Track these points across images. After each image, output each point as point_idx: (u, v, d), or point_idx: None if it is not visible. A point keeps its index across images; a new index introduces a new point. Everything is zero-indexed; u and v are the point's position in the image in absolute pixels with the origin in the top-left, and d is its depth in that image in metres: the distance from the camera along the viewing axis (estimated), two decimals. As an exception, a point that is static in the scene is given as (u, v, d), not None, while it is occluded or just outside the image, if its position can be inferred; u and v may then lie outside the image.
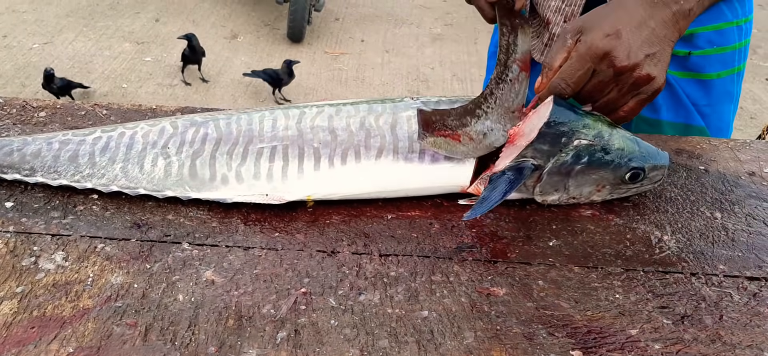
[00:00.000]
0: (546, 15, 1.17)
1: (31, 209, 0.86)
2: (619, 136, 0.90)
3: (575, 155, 0.88)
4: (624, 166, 0.90)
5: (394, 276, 0.79)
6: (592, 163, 0.89)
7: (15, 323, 0.70)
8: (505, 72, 0.95)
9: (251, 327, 0.71)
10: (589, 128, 0.89)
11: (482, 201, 0.84)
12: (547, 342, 0.71)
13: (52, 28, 4.42)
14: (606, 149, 0.89)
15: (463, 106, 0.93)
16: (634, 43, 0.88)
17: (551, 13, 1.16)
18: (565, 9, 1.14)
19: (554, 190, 0.90)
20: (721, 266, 0.83)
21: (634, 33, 0.89)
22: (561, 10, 1.14)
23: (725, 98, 1.20)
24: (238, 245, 0.82)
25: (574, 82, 0.90)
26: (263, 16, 4.84)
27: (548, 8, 1.16)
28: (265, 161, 0.89)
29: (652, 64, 0.89)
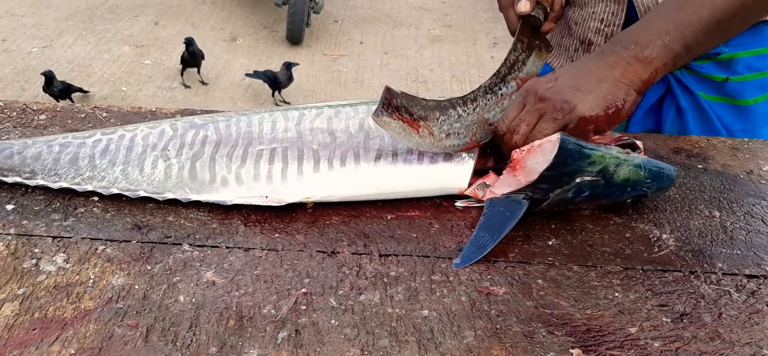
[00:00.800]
0: (586, 36, 1.17)
1: (31, 212, 0.86)
2: (627, 167, 0.87)
3: (577, 190, 0.86)
4: (626, 195, 0.89)
5: (394, 276, 0.79)
6: (594, 195, 0.88)
7: (16, 325, 0.70)
8: (499, 85, 0.94)
9: (252, 327, 0.71)
10: (594, 165, 0.85)
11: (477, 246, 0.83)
12: (546, 340, 0.71)
13: (51, 32, 4.42)
14: (610, 182, 0.87)
15: (436, 100, 0.93)
16: (562, 79, 0.89)
17: (592, 34, 1.16)
18: (605, 29, 1.14)
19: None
20: (720, 264, 0.84)
21: (567, 72, 0.90)
22: (601, 31, 1.15)
23: (763, 122, 1.19)
24: (239, 246, 0.82)
25: (508, 120, 0.90)
26: (262, 18, 4.84)
27: (588, 29, 1.17)
28: (265, 163, 0.89)
29: (579, 96, 0.88)
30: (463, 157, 0.91)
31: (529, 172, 0.85)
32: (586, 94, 0.88)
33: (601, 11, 1.14)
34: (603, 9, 1.13)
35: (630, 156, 0.88)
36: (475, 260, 0.82)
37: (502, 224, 0.85)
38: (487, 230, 0.84)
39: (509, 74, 0.96)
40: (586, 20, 1.16)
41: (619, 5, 1.11)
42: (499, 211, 0.86)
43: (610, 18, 1.13)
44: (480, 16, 5.15)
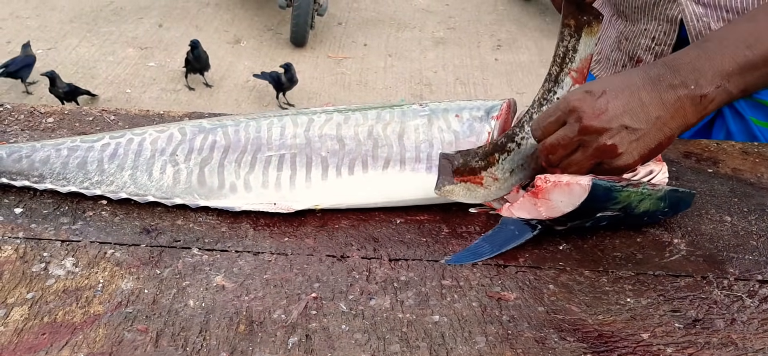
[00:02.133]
0: (636, 53, 1.16)
1: (40, 215, 0.86)
2: (649, 200, 0.84)
3: (595, 222, 0.85)
4: (642, 223, 0.89)
5: (404, 281, 0.79)
6: (611, 225, 0.87)
7: (26, 329, 0.70)
8: (553, 88, 0.88)
9: (262, 332, 0.71)
10: (618, 204, 0.83)
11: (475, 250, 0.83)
12: (558, 346, 0.71)
13: (55, 34, 4.43)
14: (630, 215, 0.85)
15: (494, 141, 0.87)
16: (612, 108, 0.80)
17: (642, 52, 1.15)
18: (656, 48, 1.13)
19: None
20: (732, 269, 0.83)
21: (618, 98, 0.81)
22: (652, 50, 1.14)
23: None
24: (248, 250, 0.82)
25: (543, 127, 0.83)
26: (266, 20, 4.85)
27: (639, 47, 1.15)
28: (273, 169, 0.89)
29: (626, 139, 0.81)
30: None
31: (551, 208, 0.82)
32: (633, 141, 0.81)
33: (653, 30, 1.12)
34: (655, 27, 1.12)
35: (654, 190, 0.85)
36: (465, 263, 0.81)
37: (506, 241, 0.84)
38: (490, 242, 0.84)
39: (561, 71, 0.88)
40: (637, 37, 1.15)
41: (671, 25, 1.10)
42: (509, 229, 0.85)
43: (662, 37, 1.11)
44: (484, 18, 5.15)
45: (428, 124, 0.92)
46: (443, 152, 0.88)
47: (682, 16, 1.07)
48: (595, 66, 1.30)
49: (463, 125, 0.92)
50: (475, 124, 0.92)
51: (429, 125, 0.92)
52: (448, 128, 0.92)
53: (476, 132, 0.91)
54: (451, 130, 0.91)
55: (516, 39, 4.81)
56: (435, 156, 0.90)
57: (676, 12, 1.08)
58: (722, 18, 1.05)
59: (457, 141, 0.91)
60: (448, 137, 0.91)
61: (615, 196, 0.82)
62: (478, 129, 0.91)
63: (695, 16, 1.06)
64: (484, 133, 0.91)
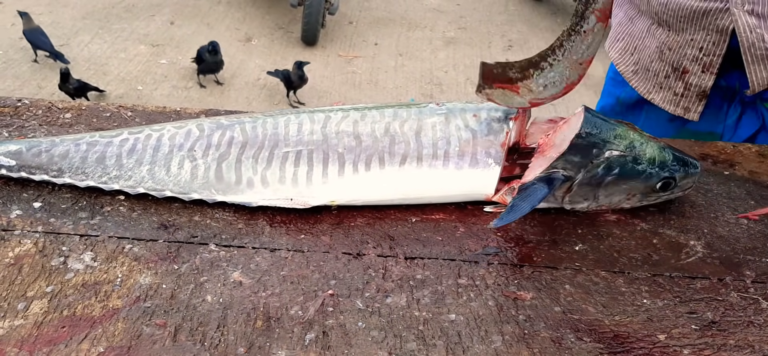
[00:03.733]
0: (681, 64, 1.15)
1: (59, 210, 0.87)
2: (652, 146, 0.90)
3: (606, 166, 0.87)
4: (655, 176, 0.89)
5: (420, 279, 0.79)
6: (623, 174, 0.88)
7: (46, 322, 0.70)
8: (580, 23, 0.93)
9: (280, 328, 0.71)
10: (621, 139, 0.88)
11: (510, 209, 0.84)
12: (575, 346, 0.71)
13: (68, 31, 4.45)
14: (637, 160, 0.88)
15: (528, 58, 0.93)
16: None
17: (688, 62, 1.14)
18: (703, 58, 1.12)
19: (584, 199, 0.90)
20: (748, 272, 0.83)
21: None
22: (699, 60, 1.12)
23: None
24: (265, 247, 0.82)
25: None
26: (277, 19, 4.86)
27: (684, 57, 1.14)
28: (290, 165, 0.89)
29: None
30: (489, 163, 0.90)
31: (559, 145, 0.88)
32: None
33: (701, 40, 1.11)
34: (703, 37, 1.11)
35: (653, 138, 0.92)
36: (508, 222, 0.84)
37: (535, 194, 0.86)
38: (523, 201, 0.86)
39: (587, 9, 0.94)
40: (683, 47, 1.14)
41: (721, 36, 1.09)
42: (535, 186, 0.87)
43: (711, 47, 1.10)
44: (495, 18, 5.14)
45: (446, 122, 0.92)
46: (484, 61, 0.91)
47: (734, 26, 1.06)
48: (632, 78, 1.28)
49: (480, 124, 0.92)
50: (493, 123, 0.92)
51: (446, 123, 0.92)
52: (466, 126, 0.92)
53: (494, 131, 0.91)
54: (469, 128, 0.92)
55: (527, 39, 4.80)
56: (452, 154, 0.90)
57: (728, 22, 1.06)
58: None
59: (474, 140, 0.91)
60: (465, 135, 0.91)
61: (613, 126, 0.89)
62: (496, 128, 0.91)
63: (748, 26, 1.05)
64: (501, 133, 0.91)
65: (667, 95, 1.20)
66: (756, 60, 1.06)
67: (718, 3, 1.06)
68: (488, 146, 0.91)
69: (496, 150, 0.91)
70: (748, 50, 1.06)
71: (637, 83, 1.26)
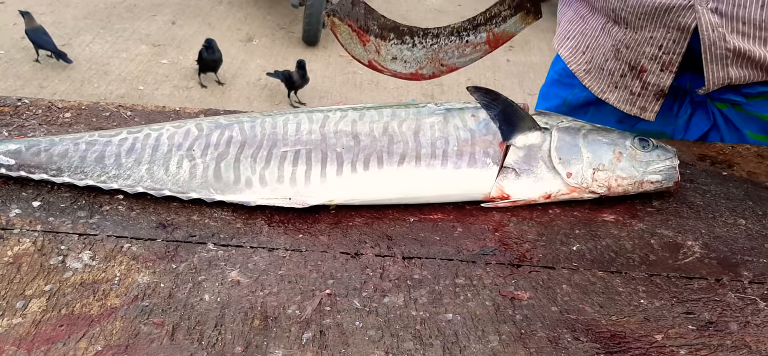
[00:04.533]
0: (639, 62, 1.13)
1: (58, 209, 0.87)
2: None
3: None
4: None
5: (417, 279, 0.79)
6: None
7: (44, 321, 0.70)
8: (468, 31, 0.91)
9: (277, 327, 0.71)
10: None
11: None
12: (572, 346, 0.71)
13: (69, 30, 4.46)
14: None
15: (397, 23, 0.89)
16: None
17: (647, 61, 1.12)
18: (663, 57, 1.10)
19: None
20: (746, 272, 0.83)
21: None
22: (658, 58, 1.11)
23: None
24: (263, 246, 0.83)
25: None
26: (278, 19, 4.86)
27: (643, 55, 1.12)
28: (289, 164, 0.90)
29: None
30: (487, 163, 0.91)
31: None
32: None
33: (661, 37, 1.09)
34: (663, 35, 1.09)
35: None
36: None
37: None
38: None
39: (484, 24, 0.93)
40: (641, 45, 1.12)
41: (682, 33, 1.07)
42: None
43: (671, 46, 1.09)
44: (496, 19, 5.15)
45: (444, 122, 0.92)
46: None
47: (697, 24, 1.05)
48: (585, 77, 1.25)
49: (479, 124, 0.92)
50: (492, 123, 0.92)
51: (445, 123, 0.92)
52: (464, 126, 0.92)
53: (492, 131, 0.92)
54: (467, 128, 0.92)
55: (528, 40, 4.80)
56: (450, 153, 0.90)
57: (691, 20, 1.05)
58: (738, 30, 1.04)
59: (473, 139, 0.91)
60: (463, 134, 0.91)
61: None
62: (495, 128, 0.92)
63: (711, 25, 1.04)
64: (500, 133, 0.91)
65: (623, 94, 1.17)
66: (715, 59, 1.06)
67: (682, 0, 1.06)
68: (486, 146, 0.91)
69: (495, 150, 0.91)
70: (709, 49, 1.05)
71: (590, 82, 1.23)
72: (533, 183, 0.91)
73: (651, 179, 0.93)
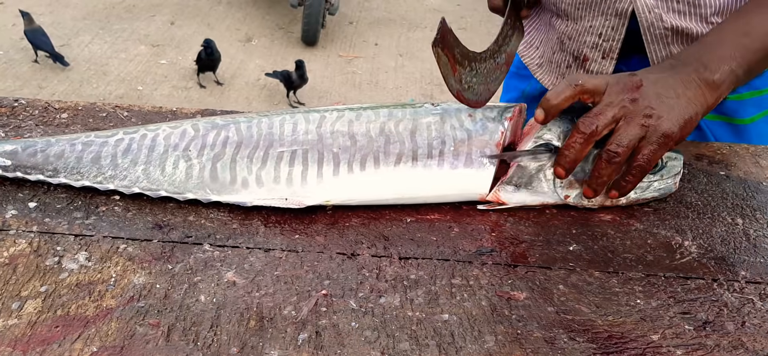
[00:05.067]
0: (581, 51, 1.14)
1: (54, 210, 0.87)
2: None
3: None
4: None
5: (414, 279, 0.79)
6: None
7: (39, 322, 0.70)
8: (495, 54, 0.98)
9: (273, 328, 0.71)
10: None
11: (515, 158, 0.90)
12: (568, 346, 0.71)
13: (68, 31, 4.46)
14: None
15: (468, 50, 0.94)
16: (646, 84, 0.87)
17: (588, 49, 1.13)
18: (603, 44, 1.12)
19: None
20: (743, 272, 0.83)
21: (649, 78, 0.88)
22: (599, 46, 1.12)
23: (757, 141, 1.18)
24: (259, 247, 0.82)
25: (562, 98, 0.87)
26: (277, 19, 4.86)
27: (584, 44, 1.14)
28: (285, 165, 0.89)
29: (662, 105, 0.86)
30: (483, 163, 0.91)
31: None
32: (669, 108, 0.86)
33: (600, 25, 1.11)
34: (601, 23, 1.11)
35: None
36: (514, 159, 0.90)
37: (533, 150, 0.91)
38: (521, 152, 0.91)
39: (500, 48, 0.99)
40: (582, 35, 1.14)
41: (619, 19, 1.09)
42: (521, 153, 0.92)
43: (610, 33, 1.10)
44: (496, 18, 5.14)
45: (441, 122, 0.92)
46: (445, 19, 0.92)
47: (633, 7, 1.06)
48: (537, 71, 1.28)
49: (475, 124, 0.92)
50: (489, 123, 0.92)
51: (442, 123, 0.92)
52: (461, 126, 0.92)
53: (489, 131, 0.91)
54: (464, 128, 0.92)
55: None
56: (447, 153, 0.90)
57: (627, 4, 1.07)
58: (673, 9, 1.05)
59: (470, 139, 0.91)
60: (460, 134, 0.91)
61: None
62: (492, 128, 0.91)
63: (646, 7, 1.06)
64: (497, 132, 0.91)
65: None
66: (655, 40, 1.07)
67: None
68: (483, 146, 0.91)
69: (491, 150, 0.91)
70: (648, 30, 1.07)
71: (541, 76, 1.26)
72: (530, 196, 0.92)
73: (649, 196, 0.94)
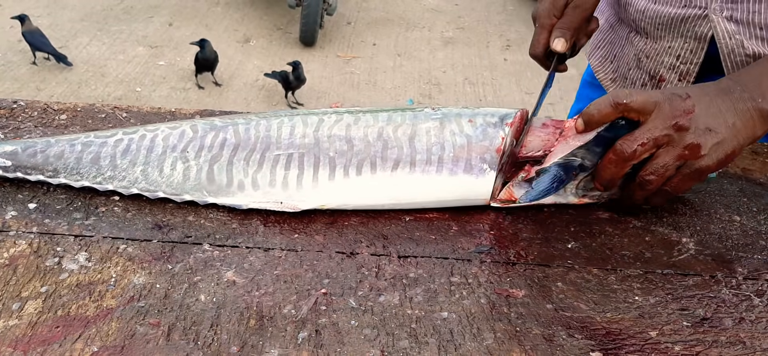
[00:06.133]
0: (658, 71, 1.14)
1: (53, 211, 0.87)
2: None
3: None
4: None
5: (413, 277, 0.79)
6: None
7: (40, 322, 0.71)
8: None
9: (273, 327, 0.71)
10: None
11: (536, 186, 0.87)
12: (567, 343, 0.71)
13: (66, 33, 4.46)
14: None
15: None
16: (698, 110, 0.83)
17: (665, 70, 1.13)
18: (681, 67, 1.11)
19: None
20: (741, 268, 0.83)
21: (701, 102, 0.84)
22: (676, 68, 1.12)
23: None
24: (259, 247, 0.83)
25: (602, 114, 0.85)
26: (275, 20, 4.86)
27: (661, 64, 1.14)
28: (281, 168, 0.89)
29: (710, 141, 0.83)
30: (483, 168, 0.90)
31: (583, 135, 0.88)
32: (714, 144, 0.83)
33: (679, 47, 1.10)
34: (681, 45, 1.10)
35: None
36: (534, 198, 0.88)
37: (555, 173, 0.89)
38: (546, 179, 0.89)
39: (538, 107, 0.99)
40: (660, 54, 1.13)
41: (699, 43, 1.08)
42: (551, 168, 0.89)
43: (688, 55, 1.10)
44: (493, 18, 5.15)
45: (440, 127, 0.91)
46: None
47: (713, 33, 1.05)
48: (610, 85, 1.28)
49: (476, 129, 0.91)
50: (489, 129, 0.91)
51: (441, 128, 0.91)
52: (461, 131, 0.91)
53: (489, 136, 0.90)
54: (464, 133, 0.91)
55: (525, 39, 4.81)
56: (446, 159, 0.89)
57: (706, 29, 1.06)
58: (755, 35, 1.04)
59: (469, 145, 0.90)
60: (460, 140, 0.90)
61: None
62: (492, 134, 0.91)
63: (727, 33, 1.04)
64: (497, 138, 0.90)
65: None
66: (736, 66, 1.06)
67: (697, 10, 1.06)
68: (483, 152, 0.90)
69: (492, 155, 0.90)
70: (728, 57, 1.06)
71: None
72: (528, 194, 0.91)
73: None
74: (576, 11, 0.99)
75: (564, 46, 0.96)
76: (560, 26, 1.00)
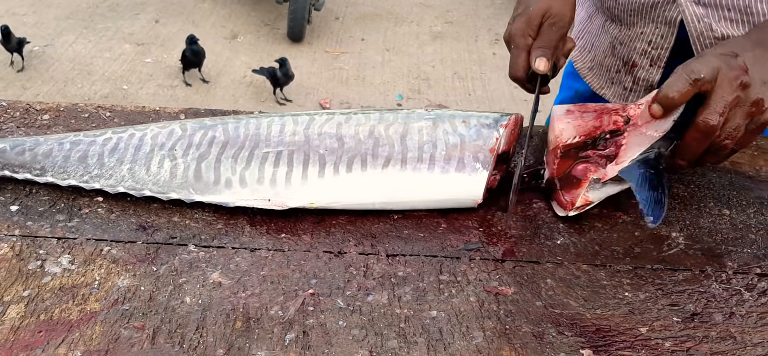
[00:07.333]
0: (631, 57, 1.16)
1: (36, 213, 0.86)
2: None
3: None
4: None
5: (401, 276, 0.78)
6: None
7: (22, 327, 0.69)
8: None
9: (259, 328, 0.70)
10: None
11: (655, 203, 0.83)
12: (556, 341, 0.71)
13: (52, 31, 4.41)
14: None
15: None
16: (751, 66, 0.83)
17: (637, 56, 1.14)
18: (652, 52, 1.12)
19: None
20: (730, 263, 0.83)
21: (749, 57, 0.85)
22: (647, 54, 1.13)
23: None
24: (245, 247, 0.82)
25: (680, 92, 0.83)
26: (263, 16, 4.83)
27: (634, 50, 1.15)
28: (270, 165, 0.88)
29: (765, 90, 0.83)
30: (476, 168, 0.88)
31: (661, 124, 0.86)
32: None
33: (650, 33, 1.11)
34: (652, 31, 1.11)
35: None
36: (660, 218, 0.82)
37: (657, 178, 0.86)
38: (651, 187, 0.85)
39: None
40: (633, 41, 1.14)
41: (669, 27, 1.09)
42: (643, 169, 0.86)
43: (659, 40, 1.10)
44: (482, 12, 5.14)
45: (433, 126, 0.90)
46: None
47: (682, 17, 1.06)
48: (588, 74, 1.28)
49: (469, 129, 0.90)
50: (483, 129, 0.90)
51: (434, 128, 0.90)
52: (454, 130, 0.90)
53: (483, 137, 0.89)
54: (457, 133, 0.89)
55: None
56: (438, 157, 0.88)
57: (676, 13, 1.06)
58: (723, 17, 1.04)
59: (463, 144, 0.89)
60: (453, 139, 0.89)
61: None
62: (486, 134, 0.89)
63: (696, 16, 1.05)
64: (491, 138, 0.89)
65: (617, 89, 1.21)
66: (705, 48, 1.07)
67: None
68: (476, 151, 0.89)
69: (485, 155, 0.88)
70: (697, 40, 1.06)
71: (591, 79, 1.27)
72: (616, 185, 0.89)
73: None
74: (552, 29, 0.96)
75: (546, 65, 0.94)
76: (539, 45, 0.96)
